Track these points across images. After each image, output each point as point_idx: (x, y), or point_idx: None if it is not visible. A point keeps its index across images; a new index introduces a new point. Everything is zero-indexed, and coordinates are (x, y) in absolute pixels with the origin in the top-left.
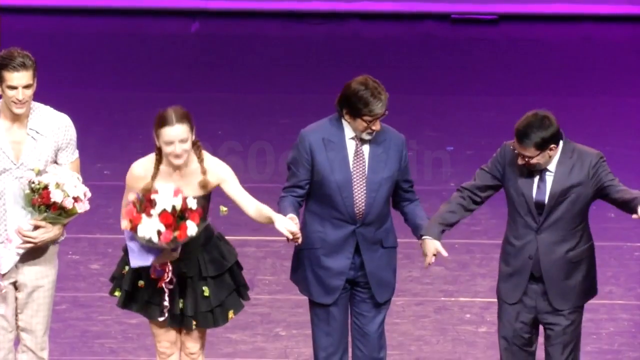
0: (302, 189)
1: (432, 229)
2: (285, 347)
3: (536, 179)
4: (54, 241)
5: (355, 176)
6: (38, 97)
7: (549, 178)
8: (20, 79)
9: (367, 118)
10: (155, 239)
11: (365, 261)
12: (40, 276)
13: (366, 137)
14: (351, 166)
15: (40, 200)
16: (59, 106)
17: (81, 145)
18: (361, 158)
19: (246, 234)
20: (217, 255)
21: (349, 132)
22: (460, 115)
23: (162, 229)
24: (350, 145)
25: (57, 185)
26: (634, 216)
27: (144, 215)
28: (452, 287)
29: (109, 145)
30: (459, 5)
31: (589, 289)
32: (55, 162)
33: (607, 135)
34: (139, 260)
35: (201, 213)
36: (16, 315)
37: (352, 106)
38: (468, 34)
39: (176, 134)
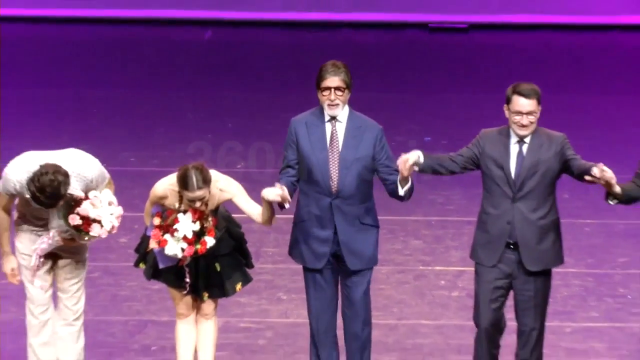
0: (293, 168)
1: (426, 157)
2: (286, 309)
3: (513, 153)
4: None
5: (331, 154)
6: (82, 98)
7: (525, 148)
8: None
9: (324, 89)
10: (179, 255)
11: (338, 232)
12: (75, 251)
13: (330, 112)
14: (328, 144)
15: (75, 224)
16: (97, 105)
17: (112, 136)
18: (335, 138)
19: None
20: (226, 235)
21: (326, 115)
22: (437, 110)
23: (185, 246)
24: (328, 127)
25: (90, 219)
26: (587, 177)
27: (168, 238)
28: (428, 258)
29: (134, 137)
30: (435, 16)
31: (557, 256)
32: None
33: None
34: (167, 262)
35: (215, 223)
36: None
37: (316, 82)
38: (443, 40)
39: (197, 196)
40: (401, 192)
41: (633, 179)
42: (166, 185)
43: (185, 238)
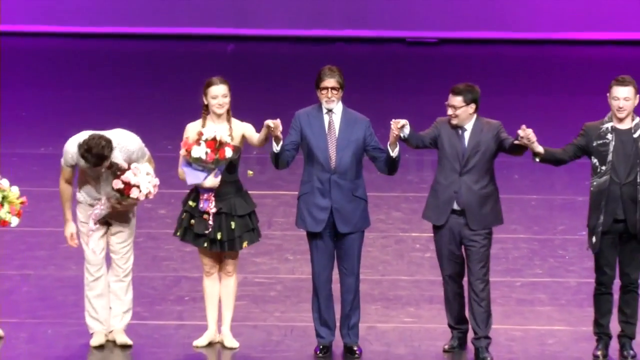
0: (292, 143)
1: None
2: (292, 267)
3: (460, 135)
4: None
5: (329, 138)
6: (132, 100)
7: (466, 135)
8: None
9: (322, 89)
10: (203, 157)
11: (333, 201)
12: (125, 215)
13: (327, 105)
14: (326, 131)
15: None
16: (139, 108)
17: (154, 129)
18: (332, 127)
19: (265, 190)
20: (243, 202)
21: (324, 109)
22: (412, 108)
23: (208, 151)
24: (326, 118)
25: (137, 187)
26: (515, 142)
27: (194, 144)
28: (406, 226)
29: (170, 129)
30: (411, 32)
31: (496, 217)
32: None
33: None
34: (193, 178)
35: (234, 148)
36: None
37: (315, 83)
38: (418, 52)
39: (219, 90)
40: (393, 153)
41: (564, 147)
42: (194, 122)
43: (208, 143)
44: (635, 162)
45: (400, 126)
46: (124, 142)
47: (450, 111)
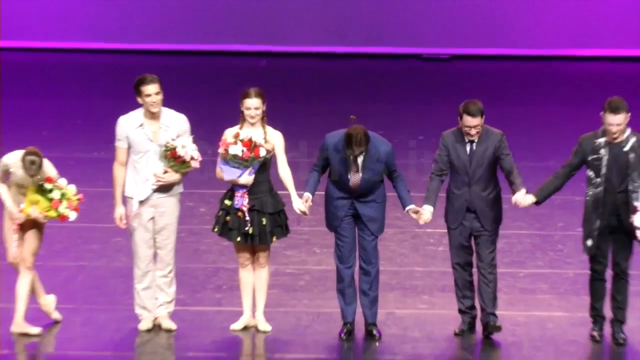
0: (319, 165)
1: (427, 202)
2: (319, 259)
3: (467, 149)
4: (172, 186)
5: (352, 173)
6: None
7: (474, 146)
8: (154, 89)
9: (353, 156)
10: (239, 154)
11: (359, 210)
12: (170, 214)
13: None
14: (350, 168)
15: (169, 155)
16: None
17: (196, 135)
18: (357, 164)
19: (296, 190)
20: (273, 201)
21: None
22: (427, 117)
23: (244, 149)
24: (351, 158)
25: (182, 147)
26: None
27: (232, 144)
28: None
29: (209, 134)
30: (426, 49)
31: (500, 216)
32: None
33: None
34: (230, 174)
35: (267, 149)
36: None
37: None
38: (433, 67)
39: (252, 103)
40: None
41: (556, 172)
42: (231, 128)
43: (244, 143)
44: (627, 173)
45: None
46: (179, 120)
47: (473, 131)
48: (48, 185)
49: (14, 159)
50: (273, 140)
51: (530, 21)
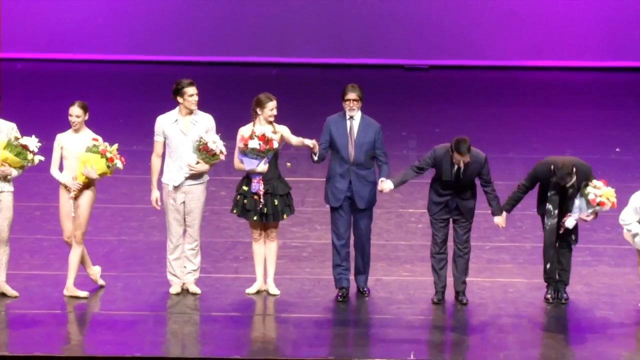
0: (324, 143)
1: (395, 179)
2: (319, 235)
3: (454, 170)
4: (201, 175)
5: (349, 139)
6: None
7: (462, 170)
8: (195, 90)
9: (346, 100)
10: (257, 147)
11: (353, 185)
12: (197, 199)
13: (350, 113)
14: (348, 134)
15: (202, 148)
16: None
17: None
18: (352, 130)
19: (299, 177)
20: (282, 185)
21: (347, 116)
22: (409, 119)
23: (261, 143)
24: (348, 123)
25: (213, 142)
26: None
27: (249, 139)
28: (404, 204)
29: (226, 132)
30: (408, 60)
31: (474, 210)
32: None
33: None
34: (250, 165)
35: (277, 142)
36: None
37: (341, 96)
38: (413, 76)
39: (275, 104)
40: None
41: (517, 187)
42: (246, 126)
43: (260, 137)
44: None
45: (387, 191)
46: (207, 118)
47: (462, 164)
48: (96, 143)
49: (64, 134)
50: (280, 133)
51: (496, 36)
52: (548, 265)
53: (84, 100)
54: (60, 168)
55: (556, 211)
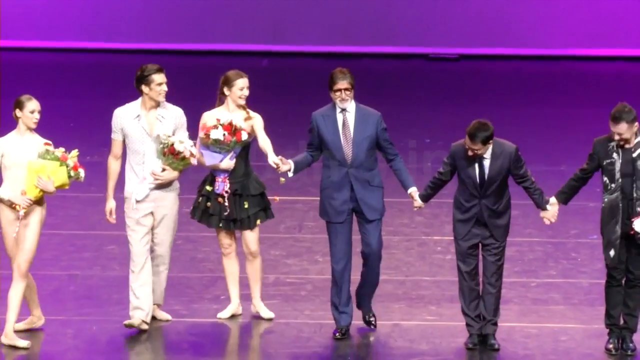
0: (313, 146)
1: (423, 196)
2: (321, 268)
3: (476, 166)
4: (171, 182)
5: (343, 136)
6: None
7: (486, 163)
8: (164, 78)
9: (335, 90)
10: (221, 138)
11: (356, 192)
12: (169, 210)
13: (342, 105)
14: (340, 130)
15: (167, 152)
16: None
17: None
18: (347, 125)
19: (296, 195)
20: (255, 183)
21: (338, 108)
22: (434, 120)
23: (225, 133)
24: (340, 117)
25: (180, 142)
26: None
27: (212, 128)
28: (428, 230)
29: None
30: (433, 48)
31: (509, 225)
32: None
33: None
34: (211, 159)
35: (247, 133)
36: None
37: (329, 85)
38: (439, 67)
39: (245, 82)
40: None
41: (574, 176)
42: (210, 111)
43: (225, 126)
44: (633, 179)
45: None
46: (176, 113)
47: (470, 153)
48: (49, 147)
49: (5, 138)
50: (252, 122)
51: (541, 19)
52: (612, 252)
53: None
54: None
55: (613, 185)
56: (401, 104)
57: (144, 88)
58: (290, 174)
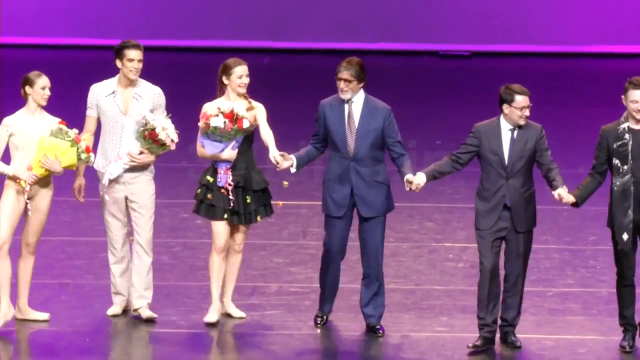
0: (318, 136)
1: (426, 171)
2: None
3: (502, 141)
4: (147, 166)
5: (348, 128)
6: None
7: (512, 137)
8: (137, 55)
9: (338, 80)
10: (222, 126)
11: (354, 187)
12: (143, 193)
13: (341, 96)
14: (346, 121)
15: (148, 136)
16: (187, 113)
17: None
18: (352, 117)
19: (301, 200)
20: (258, 178)
21: (343, 99)
22: (445, 119)
23: (226, 121)
24: (346, 108)
25: (163, 129)
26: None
27: (213, 116)
28: (439, 236)
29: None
30: (444, 45)
31: (534, 219)
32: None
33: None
34: (212, 149)
35: (248, 121)
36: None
37: (335, 75)
38: (451, 65)
39: (244, 70)
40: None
41: (590, 172)
42: (211, 102)
43: (226, 114)
44: None
45: (417, 189)
46: (153, 92)
47: (527, 112)
48: (63, 127)
49: (14, 117)
50: (255, 112)
51: (556, 15)
52: (625, 236)
53: (7, 98)
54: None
55: (625, 167)
56: (410, 103)
57: (118, 63)
58: (292, 170)
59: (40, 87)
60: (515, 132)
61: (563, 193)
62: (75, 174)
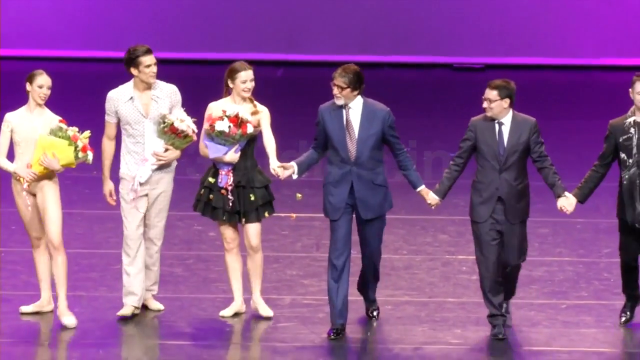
0: (318, 141)
1: (439, 190)
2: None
3: (497, 133)
4: (170, 164)
5: (348, 134)
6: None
7: (505, 130)
8: (152, 59)
9: (332, 85)
10: (226, 130)
11: (355, 190)
12: (164, 187)
13: (336, 101)
14: (344, 127)
15: (168, 131)
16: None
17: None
18: (350, 123)
19: (314, 212)
20: (260, 176)
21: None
22: (460, 132)
23: (231, 125)
24: (344, 114)
25: (180, 121)
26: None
27: (218, 119)
28: (453, 249)
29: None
30: (457, 58)
31: (527, 210)
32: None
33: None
34: (215, 151)
35: (253, 126)
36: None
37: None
38: (464, 78)
39: (248, 75)
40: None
41: (593, 167)
42: (217, 102)
43: (231, 119)
44: None
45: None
46: (170, 90)
47: (485, 104)
48: (62, 125)
49: (15, 114)
50: (259, 116)
51: (570, 28)
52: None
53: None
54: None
55: (631, 160)
56: (424, 116)
57: (134, 70)
58: (294, 176)
59: (38, 85)
60: (505, 128)
61: (566, 205)
62: (101, 180)
